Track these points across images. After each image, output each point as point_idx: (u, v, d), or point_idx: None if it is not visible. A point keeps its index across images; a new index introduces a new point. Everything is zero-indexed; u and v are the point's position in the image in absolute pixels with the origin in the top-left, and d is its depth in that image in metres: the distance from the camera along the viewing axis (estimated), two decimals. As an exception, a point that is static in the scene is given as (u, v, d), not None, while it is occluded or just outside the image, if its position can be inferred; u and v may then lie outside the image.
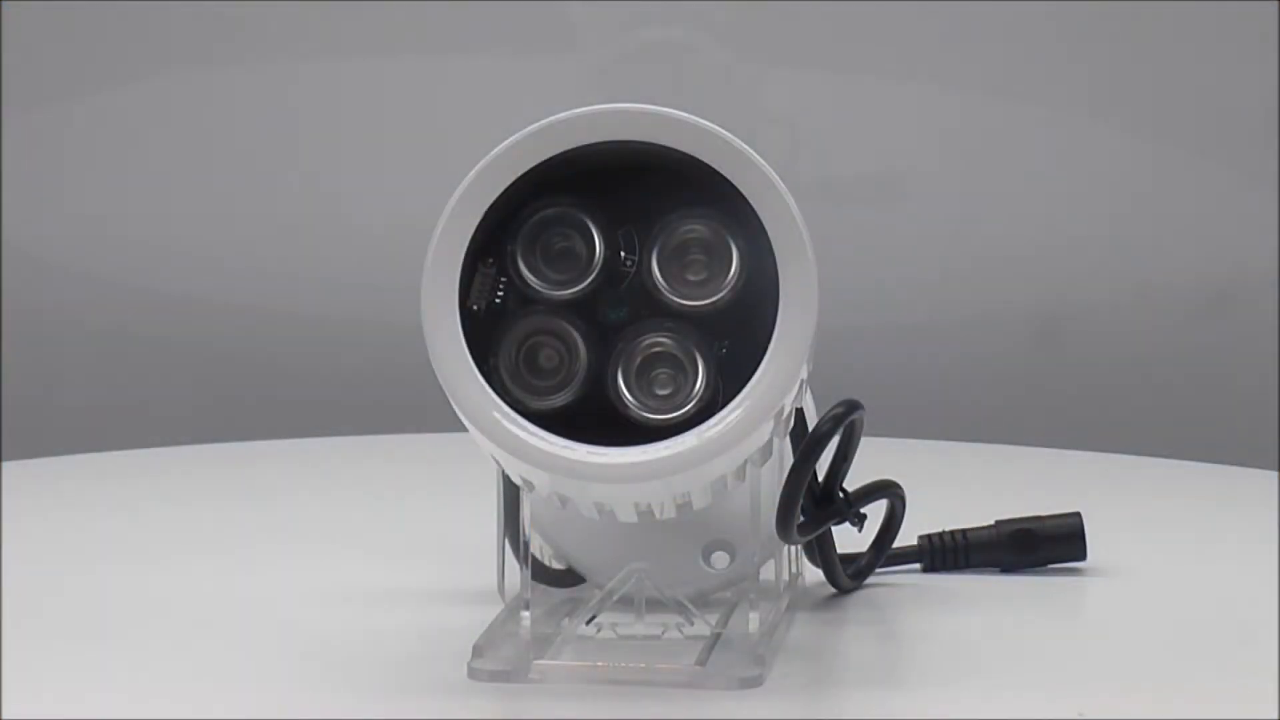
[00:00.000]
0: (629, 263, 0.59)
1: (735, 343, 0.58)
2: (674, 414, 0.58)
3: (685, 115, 0.58)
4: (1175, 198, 1.31)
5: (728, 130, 0.58)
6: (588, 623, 0.64)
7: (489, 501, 0.65)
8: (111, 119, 1.33)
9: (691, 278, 0.58)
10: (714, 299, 0.58)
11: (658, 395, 0.58)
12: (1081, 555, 0.76)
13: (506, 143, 0.58)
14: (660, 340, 0.58)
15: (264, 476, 1.02)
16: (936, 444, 1.12)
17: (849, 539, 0.71)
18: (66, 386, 1.34)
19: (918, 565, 0.75)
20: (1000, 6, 1.31)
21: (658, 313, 0.58)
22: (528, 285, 0.58)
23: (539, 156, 0.58)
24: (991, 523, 0.76)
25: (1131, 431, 1.24)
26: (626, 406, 0.58)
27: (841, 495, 0.69)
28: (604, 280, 0.59)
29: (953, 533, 0.75)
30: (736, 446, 0.57)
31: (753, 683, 0.60)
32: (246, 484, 0.99)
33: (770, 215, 0.58)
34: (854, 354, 0.76)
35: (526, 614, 0.64)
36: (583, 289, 0.59)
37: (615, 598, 0.65)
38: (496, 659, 0.61)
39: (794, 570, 0.72)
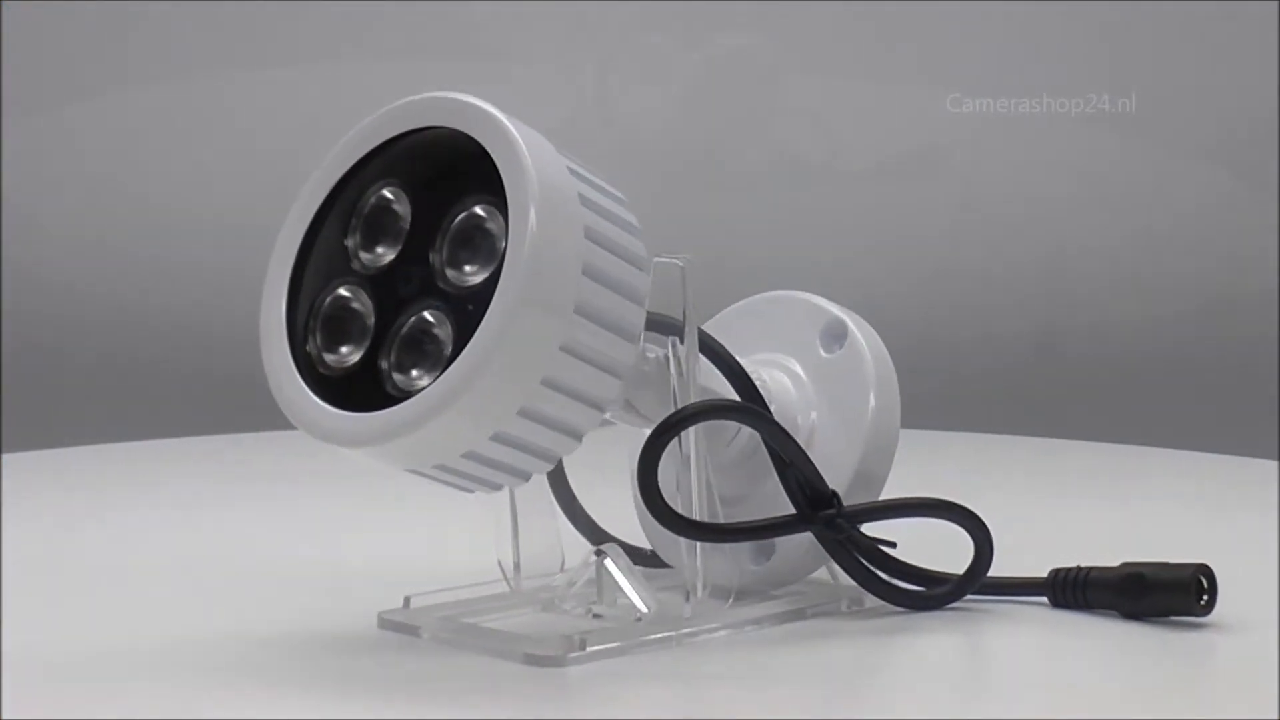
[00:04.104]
0: None
1: None
2: (420, 385, 0.61)
3: (457, 97, 0.62)
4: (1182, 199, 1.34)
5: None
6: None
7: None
8: (113, 124, 1.45)
9: (475, 259, 0.62)
10: (482, 280, 0.61)
11: (420, 367, 0.62)
12: (1194, 610, 0.67)
13: (345, 137, 0.65)
14: (425, 317, 0.62)
15: (264, 470, 1.10)
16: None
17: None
18: (68, 385, 1.46)
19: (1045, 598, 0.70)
20: (1003, 11, 1.35)
21: (434, 292, 0.63)
22: (356, 259, 0.65)
23: (363, 149, 0.64)
24: (1119, 563, 0.69)
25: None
26: (390, 375, 0.63)
27: (835, 504, 0.67)
28: (403, 258, 0.63)
29: (1078, 569, 0.70)
30: (465, 395, 0.59)
31: (551, 662, 0.63)
32: (247, 477, 1.08)
33: (504, 163, 0.60)
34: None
35: (516, 576, 0.70)
36: (383, 265, 0.64)
37: (583, 579, 0.69)
38: (411, 615, 0.68)
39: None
